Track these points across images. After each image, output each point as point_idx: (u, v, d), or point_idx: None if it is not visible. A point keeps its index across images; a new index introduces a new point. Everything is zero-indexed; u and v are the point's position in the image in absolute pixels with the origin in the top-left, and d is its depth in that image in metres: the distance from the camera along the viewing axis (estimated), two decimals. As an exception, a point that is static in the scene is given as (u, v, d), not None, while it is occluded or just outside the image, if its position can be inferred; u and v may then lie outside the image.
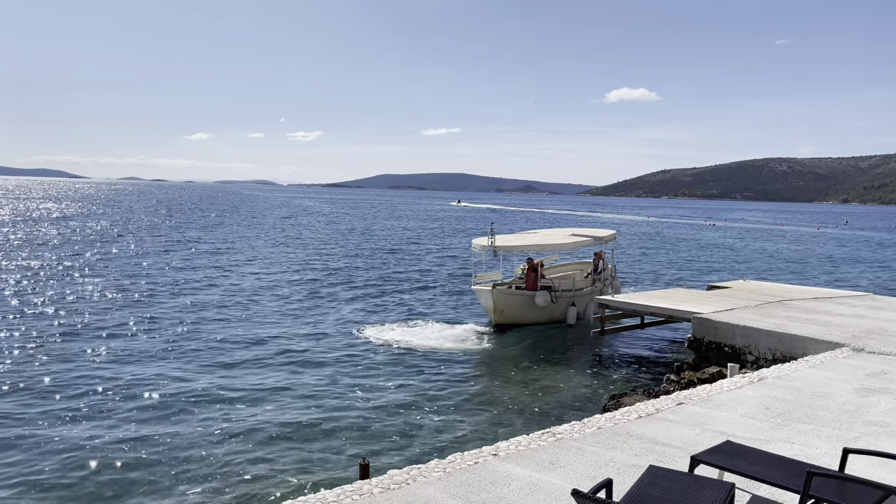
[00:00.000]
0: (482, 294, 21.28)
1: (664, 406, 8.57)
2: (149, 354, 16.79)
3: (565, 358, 17.76)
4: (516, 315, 20.89)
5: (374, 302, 25.69)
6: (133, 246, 43.95)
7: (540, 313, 20.99)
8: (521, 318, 20.95)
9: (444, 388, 14.57)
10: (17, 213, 78.93)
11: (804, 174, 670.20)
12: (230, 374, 15.33)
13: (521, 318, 20.97)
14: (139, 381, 14.47)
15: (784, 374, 10.40)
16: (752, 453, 5.46)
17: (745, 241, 69.66)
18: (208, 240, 50.76)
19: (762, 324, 14.51)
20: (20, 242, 43.78)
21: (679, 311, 16.75)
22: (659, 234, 77.11)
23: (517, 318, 20.90)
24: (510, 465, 6.42)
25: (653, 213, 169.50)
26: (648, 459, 6.59)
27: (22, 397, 13.19)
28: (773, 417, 8.20)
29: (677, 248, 58.53)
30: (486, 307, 21.25)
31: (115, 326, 19.73)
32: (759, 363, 13.75)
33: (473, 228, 77.98)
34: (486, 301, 21.08)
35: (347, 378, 15.10)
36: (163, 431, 11.63)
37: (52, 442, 11.06)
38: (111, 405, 12.92)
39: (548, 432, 7.50)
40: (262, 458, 10.58)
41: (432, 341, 18.83)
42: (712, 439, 7.10)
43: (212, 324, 20.63)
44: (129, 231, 57.17)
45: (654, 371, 16.63)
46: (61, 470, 10.05)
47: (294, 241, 52.64)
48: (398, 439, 11.58)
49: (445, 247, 52.39)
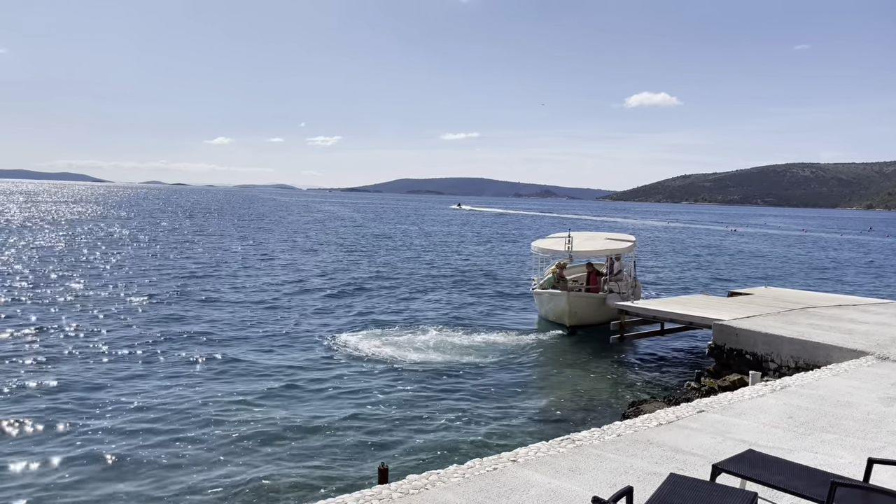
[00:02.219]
0: (552, 298, 22.04)
1: (684, 414, 8.50)
2: (170, 356, 16.96)
3: (584, 364, 17.67)
4: (588, 317, 21.70)
5: (393, 307, 25.74)
6: (167, 250, 44.44)
7: (606, 314, 21.47)
8: (591, 319, 21.72)
9: (463, 394, 14.55)
10: (46, 216, 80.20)
11: (827, 179, 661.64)
12: (249, 376, 15.44)
13: (592, 319, 21.72)
14: (157, 384, 14.62)
15: (807, 383, 10.27)
16: (775, 462, 5.40)
17: (766, 248, 68.93)
18: (243, 241, 51.22)
19: (784, 331, 14.34)
20: (47, 246, 44.48)
21: (699, 318, 16.60)
22: (679, 240, 76.53)
23: (588, 319, 21.68)
24: (529, 472, 6.40)
25: (672, 218, 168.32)
26: (669, 467, 6.54)
27: (47, 397, 13.39)
28: (796, 426, 8.10)
29: (697, 254, 58.05)
30: (559, 310, 21.66)
31: (137, 328, 19.95)
32: (781, 371, 13.59)
33: (493, 233, 77.92)
34: (557, 304, 21.68)
35: (367, 382, 15.14)
36: (179, 436, 11.73)
37: (74, 441, 11.23)
38: (124, 410, 13.06)
39: (567, 439, 7.47)
40: (281, 463, 10.64)
41: (450, 347, 18.83)
42: (734, 448, 7.03)
43: (237, 323, 20.79)
44: (159, 235, 57.82)
45: (674, 378, 16.50)
46: (80, 468, 10.19)
47: (321, 245, 52.91)
48: (417, 444, 11.58)
49: (457, 252, 52.37)
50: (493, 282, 33.98)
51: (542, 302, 23.12)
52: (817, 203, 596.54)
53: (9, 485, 9.68)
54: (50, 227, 62.06)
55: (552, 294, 22.12)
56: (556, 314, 22.07)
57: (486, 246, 59.10)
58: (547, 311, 22.82)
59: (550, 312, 22.43)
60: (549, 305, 22.44)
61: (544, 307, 23.03)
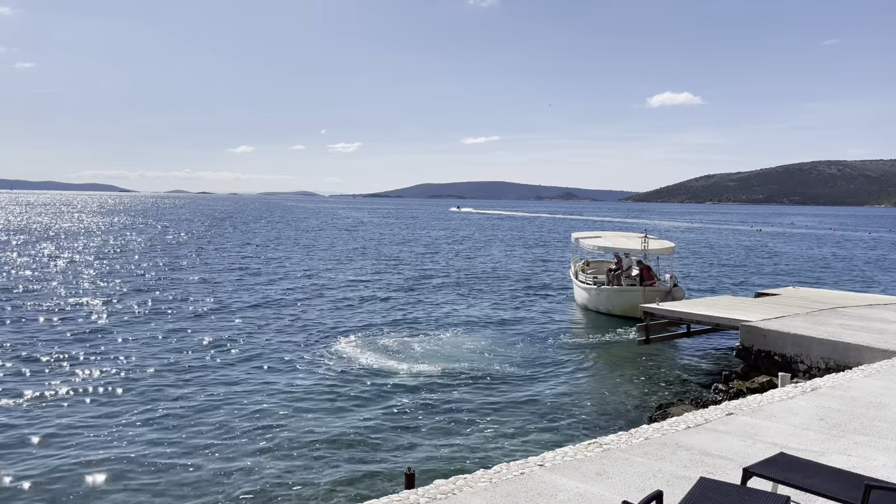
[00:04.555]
0: (621, 293, 24.00)
1: (713, 416, 8.41)
2: (193, 363, 17.15)
3: (610, 367, 17.56)
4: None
5: (417, 313, 25.79)
6: (203, 257, 45.01)
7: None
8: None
9: (489, 398, 14.53)
10: (77, 225, 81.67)
11: (854, 177, 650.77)
12: (276, 383, 15.54)
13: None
14: (179, 392, 14.79)
15: (838, 384, 10.11)
16: (808, 465, 5.32)
17: (793, 247, 67.96)
18: (282, 249, 51.76)
19: (814, 332, 14.13)
20: (87, 253, 45.27)
21: (726, 319, 16.42)
22: (703, 241, 75.74)
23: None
24: (557, 476, 6.37)
25: (697, 218, 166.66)
26: (698, 471, 6.47)
27: (81, 402, 13.62)
28: (827, 429, 7.97)
29: (723, 254, 57.40)
30: (632, 304, 22.51)
31: (170, 333, 20.22)
32: (811, 372, 13.39)
33: (512, 237, 77.72)
34: (629, 300, 23.08)
35: (392, 387, 15.17)
36: (205, 444, 11.84)
37: (102, 443, 11.40)
38: (152, 414, 13.23)
39: (594, 442, 7.42)
40: (307, 468, 10.71)
41: (475, 351, 18.81)
42: (764, 451, 6.93)
43: (265, 327, 20.99)
44: (193, 242, 58.57)
45: (701, 380, 16.32)
46: (108, 472, 10.35)
47: (354, 252, 53.20)
48: (443, 449, 11.58)
49: (480, 255, 52.32)
50: (517, 285, 33.90)
51: (607, 297, 24.69)
52: (845, 201, 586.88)
53: (34, 490, 9.86)
54: (91, 236, 63.18)
55: (621, 289, 24.14)
56: (624, 308, 23.34)
57: (507, 249, 59.00)
58: (612, 306, 24.31)
59: (617, 307, 23.95)
60: (617, 300, 24.12)
61: (608, 301, 24.60)
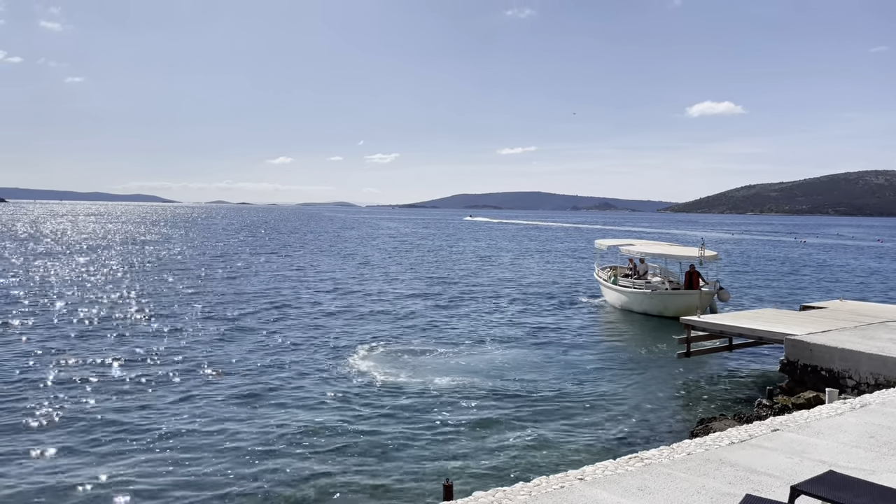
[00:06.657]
0: (676, 296, 25.30)
1: (758, 432, 8.22)
2: (237, 365, 17.41)
3: (650, 380, 17.30)
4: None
5: (455, 325, 25.78)
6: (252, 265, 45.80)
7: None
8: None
9: (528, 410, 14.43)
10: (127, 235, 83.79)
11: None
12: (314, 391, 15.67)
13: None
14: (211, 404, 15.00)
15: (889, 401, 9.80)
16: (858, 484, 5.17)
17: (840, 259, 66.18)
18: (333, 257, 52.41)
19: (863, 346, 13.72)
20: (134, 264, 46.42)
21: (770, 333, 16.04)
22: (746, 252, 74.27)
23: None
24: (597, 490, 6.30)
25: (739, 229, 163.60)
26: (743, 488, 6.33)
27: (113, 400, 13.93)
28: (878, 446, 7.73)
29: (766, 266, 56.20)
30: (687, 306, 23.04)
31: (206, 338, 20.57)
32: (860, 388, 12.99)
33: (545, 248, 77.26)
34: (685, 302, 24.03)
35: (430, 399, 15.17)
36: (240, 454, 11.97)
37: (120, 458, 11.62)
38: (175, 421, 13.45)
39: (635, 457, 7.32)
40: (344, 478, 10.74)
41: (514, 364, 18.72)
42: (812, 469, 6.76)
43: (308, 336, 21.22)
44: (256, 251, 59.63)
45: (744, 395, 15.97)
46: (135, 472, 10.54)
47: (387, 262, 53.58)
48: (482, 461, 11.53)
49: (512, 268, 52.12)
50: (551, 296, 33.68)
51: (661, 300, 25.83)
52: (893, 212, 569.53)
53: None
54: (142, 245, 64.78)
55: (676, 293, 25.45)
56: (678, 310, 23.61)
57: (541, 260, 58.68)
58: (665, 308, 25.43)
59: (669, 309, 24.92)
60: (671, 303, 25.20)
61: (661, 304, 25.74)
